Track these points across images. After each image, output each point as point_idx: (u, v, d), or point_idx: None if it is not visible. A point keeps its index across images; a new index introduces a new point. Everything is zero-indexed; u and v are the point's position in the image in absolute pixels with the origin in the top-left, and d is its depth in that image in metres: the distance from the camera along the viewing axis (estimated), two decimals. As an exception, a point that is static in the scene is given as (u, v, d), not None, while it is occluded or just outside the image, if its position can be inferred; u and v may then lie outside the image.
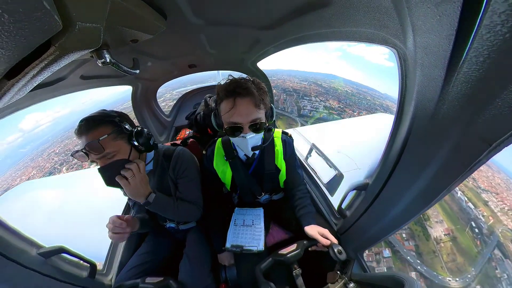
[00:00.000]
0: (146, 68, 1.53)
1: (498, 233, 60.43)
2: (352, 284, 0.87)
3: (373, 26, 0.58)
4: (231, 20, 0.88)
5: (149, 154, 1.10)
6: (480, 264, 49.13)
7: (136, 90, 2.15)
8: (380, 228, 0.82)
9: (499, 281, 48.98)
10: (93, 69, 1.18)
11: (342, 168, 1.66)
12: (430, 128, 0.54)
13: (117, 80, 1.64)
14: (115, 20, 0.51)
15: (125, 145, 0.90)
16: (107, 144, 0.84)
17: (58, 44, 0.34)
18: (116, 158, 0.87)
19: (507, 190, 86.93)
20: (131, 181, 0.87)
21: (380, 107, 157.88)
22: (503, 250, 55.01)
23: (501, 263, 51.89)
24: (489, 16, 0.32)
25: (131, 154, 0.91)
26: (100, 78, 1.39)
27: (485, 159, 0.43)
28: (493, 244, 55.49)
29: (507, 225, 64.80)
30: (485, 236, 56.86)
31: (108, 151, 0.84)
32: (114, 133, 0.86)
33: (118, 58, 0.65)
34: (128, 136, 0.91)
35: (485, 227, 60.45)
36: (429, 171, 0.56)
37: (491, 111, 0.39)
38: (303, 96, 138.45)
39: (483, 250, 51.82)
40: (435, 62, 0.46)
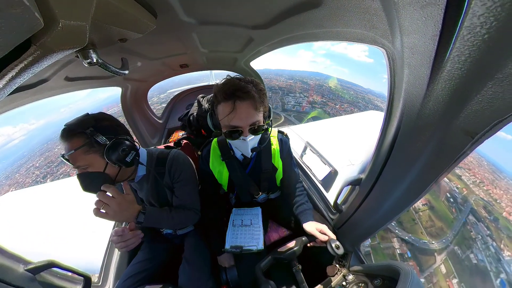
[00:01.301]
0: (136, 68, 1.47)
1: (471, 201, 72.58)
2: (351, 276, 0.90)
3: (363, 26, 0.60)
4: (224, 19, 0.87)
5: (141, 158, 1.03)
6: (456, 228, 57.46)
7: (125, 92, 2.06)
8: (374, 220, 0.86)
9: (474, 241, 58.03)
10: (78, 70, 1.11)
11: (336, 164, 1.71)
12: (418, 124, 0.57)
13: (105, 81, 1.55)
14: (102, 17, 0.48)
15: (98, 159, 0.83)
16: (76, 158, 0.80)
17: (39, 43, 0.32)
18: (89, 170, 0.82)
19: (478, 166, 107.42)
20: (108, 210, 0.81)
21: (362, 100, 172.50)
22: (476, 216, 66.64)
23: (475, 226, 62.29)
24: (470, 18, 0.35)
25: (107, 168, 0.85)
26: (87, 79, 1.31)
27: (469, 151, 0.47)
28: (467, 211, 66.13)
29: (479, 195, 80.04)
30: (460, 205, 67.76)
31: (79, 164, 0.81)
32: (86, 146, 0.80)
33: (105, 58, 0.61)
34: (103, 149, 0.83)
35: (459, 197, 72.50)
36: (418, 165, 0.59)
37: (473, 106, 0.43)
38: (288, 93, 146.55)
39: (459, 216, 61.28)
40: (421, 61, 0.49)
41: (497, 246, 62.77)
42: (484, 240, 61.26)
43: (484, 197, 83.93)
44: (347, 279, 0.89)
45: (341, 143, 3.14)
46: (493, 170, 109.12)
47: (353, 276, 0.89)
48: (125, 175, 0.96)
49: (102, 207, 0.80)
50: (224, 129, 0.91)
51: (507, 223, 75.40)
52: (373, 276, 0.80)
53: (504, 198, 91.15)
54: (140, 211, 0.90)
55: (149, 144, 2.51)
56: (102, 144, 0.82)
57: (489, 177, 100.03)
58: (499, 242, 65.34)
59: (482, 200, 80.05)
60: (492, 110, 0.41)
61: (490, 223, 70.06)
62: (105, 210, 0.81)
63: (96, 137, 0.81)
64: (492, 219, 72.19)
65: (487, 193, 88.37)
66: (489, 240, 62.19)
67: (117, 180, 0.92)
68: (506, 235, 70.38)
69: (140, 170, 1.04)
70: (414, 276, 0.62)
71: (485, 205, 77.47)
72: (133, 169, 1.00)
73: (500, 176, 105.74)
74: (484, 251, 58.11)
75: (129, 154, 0.89)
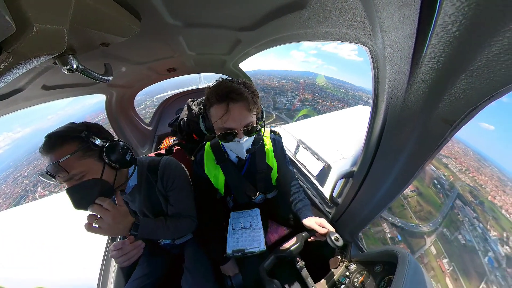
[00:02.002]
0: (121, 74, 1.42)
1: (458, 187, 78.63)
2: (353, 265, 0.92)
3: (346, 26, 0.63)
4: (210, 21, 0.87)
5: (131, 168, 0.99)
6: (444, 211, 61.95)
7: (110, 99, 1.98)
8: (369, 210, 0.89)
9: (462, 223, 63.32)
10: (57, 78, 1.06)
11: (329, 159, 1.75)
12: (402, 116, 0.61)
13: (87, 89, 1.48)
14: (81, 21, 0.46)
15: (95, 163, 0.79)
16: (71, 165, 0.73)
17: (11, 49, 0.30)
18: (85, 178, 0.77)
19: (464, 156, 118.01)
20: (102, 225, 0.77)
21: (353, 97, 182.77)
22: (463, 200, 72.44)
23: (462, 209, 67.98)
24: (442, 17, 0.38)
25: (104, 173, 0.81)
26: (67, 87, 1.24)
27: (449, 137, 0.51)
28: (454, 196, 71.53)
29: (465, 181, 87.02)
30: (447, 191, 73.38)
31: (75, 172, 0.74)
32: (80, 151, 0.75)
33: (87, 63, 0.60)
34: (99, 152, 0.80)
35: (446, 184, 79.54)
36: (405, 154, 0.63)
37: (449, 96, 0.47)
38: (280, 92, 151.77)
39: (446, 201, 66.27)
40: (401, 58, 0.52)
41: (483, 227, 68.41)
42: (471, 222, 66.68)
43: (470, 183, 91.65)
44: (350, 269, 0.92)
45: (332, 138, 3.22)
46: (478, 158, 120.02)
47: (355, 266, 0.92)
48: (120, 180, 0.92)
49: (95, 221, 0.76)
50: (218, 132, 0.90)
51: (492, 206, 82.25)
52: (374, 263, 0.83)
53: (489, 183, 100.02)
54: (134, 223, 0.87)
55: (139, 153, 2.41)
56: (98, 146, 0.79)
57: (474, 165, 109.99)
58: (486, 224, 71.20)
59: (468, 186, 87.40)
60: (466, 99, 0.45)
61: (476, 206, 76.29)
62: (99, 224, 0.76)
63: (93, 140, 0.78)
64: (478, 203, 78.51)
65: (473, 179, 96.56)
66: (476, 222, 67.82)
67: (115, 186, 0.88)
68: (492, 216, 76.72)
69: (131, 181, 1.00)
70: (410, 258, 0.66)
71: (471, 190, 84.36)
72: (125, 178, 0.96)
73: (485, 164, 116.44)
74: (471, 232, 63.30)
75: (127, 153, 0.88)
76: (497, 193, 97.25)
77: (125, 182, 0.97)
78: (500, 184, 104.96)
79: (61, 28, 0.37)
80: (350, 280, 0.87)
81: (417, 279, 0.61)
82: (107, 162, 0.81)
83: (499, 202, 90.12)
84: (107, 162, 0.81)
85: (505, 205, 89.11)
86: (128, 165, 0.89)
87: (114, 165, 0.84)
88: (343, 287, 0.86)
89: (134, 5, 0.62)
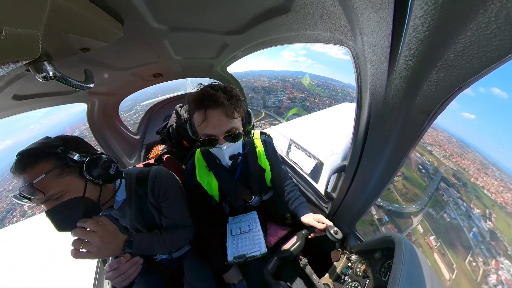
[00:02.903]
0: (103, 80, 1.35)
1: (442, 171, 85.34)
2: (353, 256, 0.95)
3: (328, 29, 0.67)
4: (196, 25, 0.86)
5: (119, 181, 0.93)
6: (429, 193, 66.86)
7: (91, 108, 1.86)
8: (363, 200, 0.93)
9: (446, 203, 68.69)
10: (31, 86, 0.97)
11: (321, 156, 1.80)
12: (384, 110, 0.65)
13: (66, 98, 1.38)
14: (58, 24, 0.43)
15: (75, 180, 0.73)
16: (48, 184, 0.66)
17: None
18: (66, 198, 0.70)
19: (448, 143, 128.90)
20: (90, 248, 0.70)
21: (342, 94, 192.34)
22: (447, 182, 78.57)
23: (447, 191, 73.88)
24: (413, 19, 0.42)
25: (87, 190, 0.74)
26: (42, 96, 1.14)
27: (427, 126, 0.56)
28: (438, 179, 77.57)
29: (449, 165, 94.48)
30: (431, 175, 79.87)
31: (52, 192, 0.67)
32: (57, 169, 0.68)
33: (65, 70, 0.56)
34: (79, 168, 0.73)
35: (430, 168, 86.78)
36: (390, 145, 0.67)
37: (425, 89, 0.51)
38: (269, 92, 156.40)
39: (431, 184, 71.72)
40: (380, 57, 0.56)
41: (467, 206, 74.92)
42: (456, 202, 72.96)
43: (454, 167, 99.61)
44: (351, 260, 0.94)
45: (322, 135, 3.30)
46: (461, 145, 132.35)
47: (356, 256, 0.95)
48: (106, 197, 0.86)
49: (81, 246, 0.68)
50: (201, 138, 0.90)
51: (475, 187, 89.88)
52: (373, 251, 0.86)
53: (471, 167, 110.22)
54: (127, 240, 0.82)
55: (126, 164, 2.29)
56: (78, 162, 0.72)
57: (458, 151, 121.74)
58: (469, 202, 78.02)
59: (452, 169, 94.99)
60: (439, 91, 0.49)
61: (460, 187, 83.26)
62: (87, 249, 0.69)
63: (71, 155, 0.70)
64: (461, 184, 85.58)
65: (456, 164, 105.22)
66: (460, 202, 74.54)
67: (101, 202, 0.82)
68: (475, 196, 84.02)
69: (120, 195, 0.94)
70: (406, 241, 0.70)
71: (455, 173, 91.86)
72: (112, 193, 0.90)
73: (468, 150, 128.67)
74: (456, 211, 69.36)
75: (111, 166, 0.81)
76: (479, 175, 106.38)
77: (112, 197, 0.91)
78: (482, 167, 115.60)
79: (35, 32, 0.34)
80: (353, 270, 0.89)
81: (414, 260, 0.65)
82: (89, 179, 0.75)
83: (481, 183, 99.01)
84: (89, 179, 0.75)
85: (487, 185, 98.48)
86: (113, 180, 0.83)
87: (97, 181, 0.77)
88: (346, 278, 0.88)
89: (116, 8, 0.60)
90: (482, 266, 57.01)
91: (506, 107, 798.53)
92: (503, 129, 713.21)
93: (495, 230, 74.58)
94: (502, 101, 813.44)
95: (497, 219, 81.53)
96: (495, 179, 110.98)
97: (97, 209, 0.80)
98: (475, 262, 56.83)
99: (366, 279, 0.79)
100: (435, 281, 0.64)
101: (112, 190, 0.90)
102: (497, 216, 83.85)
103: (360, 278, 0.82)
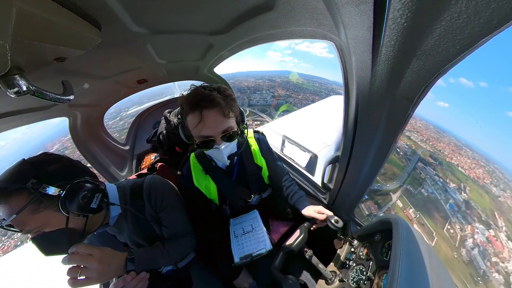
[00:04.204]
0: (83, 91, 1.27)
1: (420, 153, 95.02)
2: (355, 241, 0.98)
3: (313, 24, 0.69)
4: (179, 27, 0.84)
5: (111, 197, 0.87)
6: (408, 171, 74.31)
7: (74, 122, 1.75)
8: (359, 187, 0.98)
9: (424, 180, 76.75)
10: (2, 104, 0.91)
11: (314, 149, 1.84)
12: (371, 100, 0.68)
13: (44, 113, 1.29)
14: (28, 34, 0.40)
15: (54, 214, 0.66)
16: (23, 221, 0.61)
17: None
18: (46, 230, 0.66)
19: (425, 130, 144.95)
20: (89, 274, 0.66)
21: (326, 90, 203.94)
22: (424, 162, 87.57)
23: (424, 169, 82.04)
24: (392, 12, 0.45)
25: (70, 221, 0.69)
26: (16, 114, 1.05)
27: (412, 112, 0.60)
28: (416, 159, 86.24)
29: (425, 148, 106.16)
30: (409, 157, 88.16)
31: (29, 228, 0.63)
32: (32, 205, 0.61)
33: (40, 83, 0.52)
34: (57, 201, 0.66)
35: (408, 151, 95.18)
36: (379, 132, 0.71)
37: (407, 78, 0.54)
38: (255, 91, 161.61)
39: (409, 164, 79.78)
40: (363, 49, 0.59)
41: (443, 181, 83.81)
42: (432, 178, 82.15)
43: (430, 149, 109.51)
44: (353, 245, 0.98)
45: (314, 129, 3.38)
46: (438, 131, 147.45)
47: (357, 241, 0.99)
48: (97, 221, 0.82)
49: (79, 273, 0.65)
50: (197, 140, 0.89)
51: (450, 165, 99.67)
52: (373, 234, 0.90)
53: (446, 148, 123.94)
54: (128, 258, 0.78)
55: (118, 178, 2.19)
56: (53, 198, 0.65)
57: (434, 136, 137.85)
58: (445, 178, 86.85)
59: (429, 151, 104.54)
60: (420, 79, 0.53)
61: (436, 166, 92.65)
62: (85, 275, 0.65)
63: (43, 190, 0.62)
64: (438, 163, 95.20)
65: (433, 146, 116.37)
66: (436, 178, 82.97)
67: (87, 231, 0.77)
68: (450, 172, 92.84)
69: (114, 210, 0.90)
70: (401, 221, 0.75)
71: (431, 154, 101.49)
72: (103, 217, 0.85)
73: (444, 135, 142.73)
74: (433, 186, 77.70)
75: (93, 198, 0.73)
76: (454, 155, 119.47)
77: (105, 218, 0.86)
78: (456, 148, 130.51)
79: (1, 44, 0.32)
80: (356, 254, 0.93)
81: (411, 237, 0.70)
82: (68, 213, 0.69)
83: (455, 161, 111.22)
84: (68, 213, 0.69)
85: (461, 163, 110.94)
86: (97, 211, 0.75)
87: (78, 215, 0.71)
88: (351, 263, 0.91)
89: (92, 13, 0.56)
90: (460, 232, 63.82)
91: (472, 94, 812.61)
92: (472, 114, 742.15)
93: (470, 200, 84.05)
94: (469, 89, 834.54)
95: (471, 191, 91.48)
96: (468, 157, 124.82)
97: (82, 237, 0.75)
98: (452, 230, 64.10)
99: (369, 261, 0.82)
100: (431, 253, 0.69)
101: (102, 214, 0.84)
102: (471, 188, 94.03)
103: (364, 261, 0.86)
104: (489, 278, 57.71)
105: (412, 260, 0.62)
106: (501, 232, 77.14)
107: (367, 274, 0.79)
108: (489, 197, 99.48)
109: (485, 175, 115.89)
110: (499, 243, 70.85)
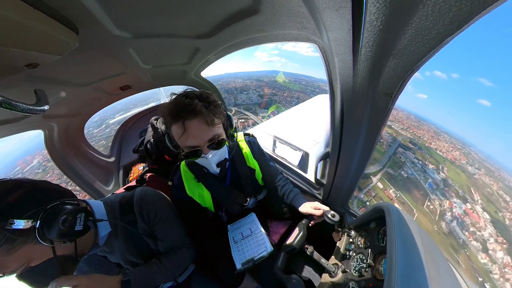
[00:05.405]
0: (60, 100, 1.17)
1: (400, 139, 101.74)
2: (352, 232, 1.02)
3: (296, 28, 0.72)
4: (164, 30, 0.81)
5: (98, 214, 0.80)
6: (388, 155, 79.22)
7: (50, 134, 1.59)
8: (350, 180, 1.02)
9: (404, 163, 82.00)
10: None
11: (305, 147, 1.89)
12: (354, 97, 0.72)
13: (15, 127, 1.14)
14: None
15: (36, 247, 0.60)
16: (2, 264, 0.56)
17: None
18: (33, 264, 0.61)
19: (406, 120, 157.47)
20: None
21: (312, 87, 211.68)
22: (404, 147, 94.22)
23: (404, 154, 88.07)
24: (368, 15, 0.48)
25: (57, 248, 0.64)
26: None
27: (392, 106, 0.65)
28: (396, 145, 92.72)
29: (406, 135, 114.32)
30: (389, 144, 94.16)
31: (11, 269, 0.57)
32: (5, 245, 0.54)
33: (9, 92, 0.50)
34: (34, 233, 0.59)
35: (389, 139, 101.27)
36: (364, 127, 0.76)
37: (385, 75, 0.59)
38: (241, 91, 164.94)
39: (389, 149, 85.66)
40: (344, 50, 0.63)
41: (422, 163, 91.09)
42: (412, 161, 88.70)
43: (410, 136, 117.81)
44: (351, 236, 1.02)
45: (303, 128, 3.46)
46: (418, 120, 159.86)
47: (354, 231, 1.03)
48: (88, 241, 0.76)
49: None
50: (184, 151, 0.86)
51: (429, 149, 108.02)
52: (368, 222, 0.94)
53: (426, 135, 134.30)
54: (122, 280, 0.74)
55: (104, 193, 2.04)
56: (27, 231, 0.56)
57: (415, 124, 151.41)
58: (424, 161, 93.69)
59: (409, 138, 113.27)
60: (397, 75, 0.57)
61: (416, 150, 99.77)
62: None
63: (10, 226, 0.53)
64: (417, 148, 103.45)
65: (413, 134, 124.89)
66: (416, 161, 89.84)
67: (80, 254, 0.72)
68: (429, 155, 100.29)
69: (103, 229, 0.82)
70: (393, 207, 0.79)
71: (411, 140, 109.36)
72: (93, 236, 0.78)
73: (424, 123, 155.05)
74: (413, 168, 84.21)
75: (76, 220, 0.65)
76: (432, 141, 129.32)
77: (94, 241, 0.79)
78: (435, 135, 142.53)
79: None
80: (355, 244, 0.96)
81: (402, 221, 0.75)
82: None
83: (434, 146, 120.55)
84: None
85: (439, 147, 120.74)
86: (85, 232, 0.69)
87: (63, 242, 0.64)
88: (351, 253, 0.94)
89: (68, 15, 0.52)
90: (439, 207, 69.50)
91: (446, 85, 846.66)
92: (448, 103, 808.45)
93: (447, 179, 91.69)
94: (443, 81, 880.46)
95: (449, 171, 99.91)
96: (445, 142, 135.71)
97: (75, 261, 0.71)
98: (432, 205, 70.05)
99: (368, 249, 0.86)
100: (422, 232, 0.75)
101: (92, 233, 0.76)
102: (448, 168, 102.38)
103: (363, 250, 0.90)
104: (468, 245, 62.98)
105: (406, 242, 0.67)
106: (477, 205, 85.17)
107: (367, 262, 0.82)
108: (465, 175, 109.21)
109: (461, 156, 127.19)
110: (476, 214, 77.96)
